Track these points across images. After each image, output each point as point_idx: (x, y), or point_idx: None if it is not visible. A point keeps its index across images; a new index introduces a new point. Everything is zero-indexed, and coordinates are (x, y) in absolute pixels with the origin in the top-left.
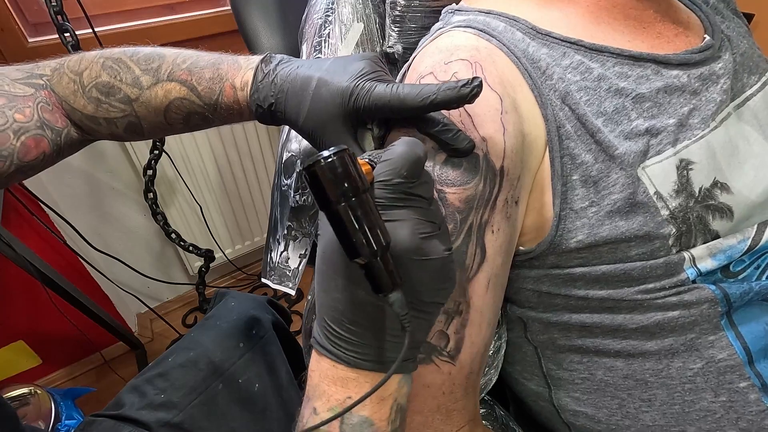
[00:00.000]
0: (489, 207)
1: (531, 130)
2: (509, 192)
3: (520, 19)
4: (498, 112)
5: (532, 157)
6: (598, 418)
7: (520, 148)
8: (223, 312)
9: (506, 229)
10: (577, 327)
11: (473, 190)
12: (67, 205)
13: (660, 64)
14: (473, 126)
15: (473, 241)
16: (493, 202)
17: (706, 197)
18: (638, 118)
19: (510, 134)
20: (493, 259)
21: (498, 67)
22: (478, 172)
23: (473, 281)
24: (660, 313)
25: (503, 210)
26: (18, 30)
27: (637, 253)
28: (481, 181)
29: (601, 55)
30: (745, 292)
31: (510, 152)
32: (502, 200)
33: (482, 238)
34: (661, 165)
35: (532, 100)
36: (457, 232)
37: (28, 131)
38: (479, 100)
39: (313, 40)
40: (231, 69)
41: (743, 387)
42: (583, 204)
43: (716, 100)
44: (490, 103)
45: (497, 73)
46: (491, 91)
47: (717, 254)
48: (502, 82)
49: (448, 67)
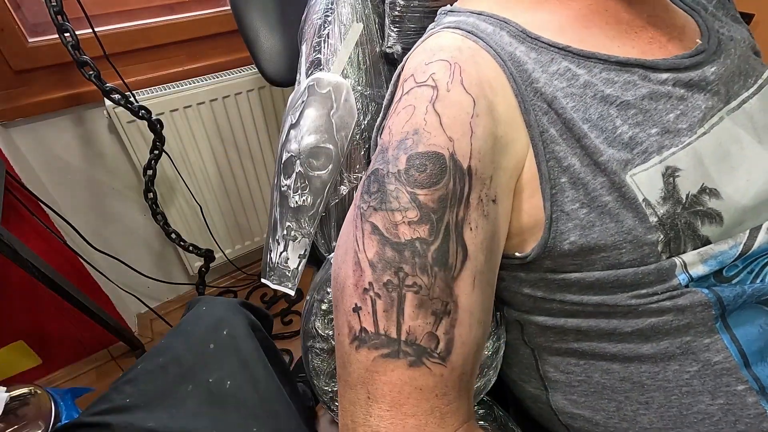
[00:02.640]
0: (463, 205)
1: (506, 133)
2: (482, 190)
3: (511, 21)
4: (468, 115)
5: (506, 158)
6: (595, 421)
7: (489, 149)
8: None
9: (486, 227)
10: (573, 331)
11: (444, 189)
12: (67, 205)
13: (648, 69)
14: (440, 126)
15: (453, 239)
16: (466, 200)
17: (694, 203)
18: (623, 125)
19: (478, 137)
20: (475, 256)
21: (480, 68)
22: (446, 172)
23: (458, 280)
24: (654, 317)
25: (478, 208)
26: (18, 30)
27: (629, 260)
28: (450, 179)
29: (588, 62)
30: (738, 295)
31: (477, 153)
32: (476, 198)
33: (461, 235)
34: (648, 173)
35: (514, 104)
36: (435, 232)
37: None
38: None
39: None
40: None
41: (741, 390)
42: (574, 206)
43: (702, 107)
44: (462, 107)
45: (476, 74)
46: (465, 93)
47: (708, 260)
48: (480, 83)
49: (427, 67)
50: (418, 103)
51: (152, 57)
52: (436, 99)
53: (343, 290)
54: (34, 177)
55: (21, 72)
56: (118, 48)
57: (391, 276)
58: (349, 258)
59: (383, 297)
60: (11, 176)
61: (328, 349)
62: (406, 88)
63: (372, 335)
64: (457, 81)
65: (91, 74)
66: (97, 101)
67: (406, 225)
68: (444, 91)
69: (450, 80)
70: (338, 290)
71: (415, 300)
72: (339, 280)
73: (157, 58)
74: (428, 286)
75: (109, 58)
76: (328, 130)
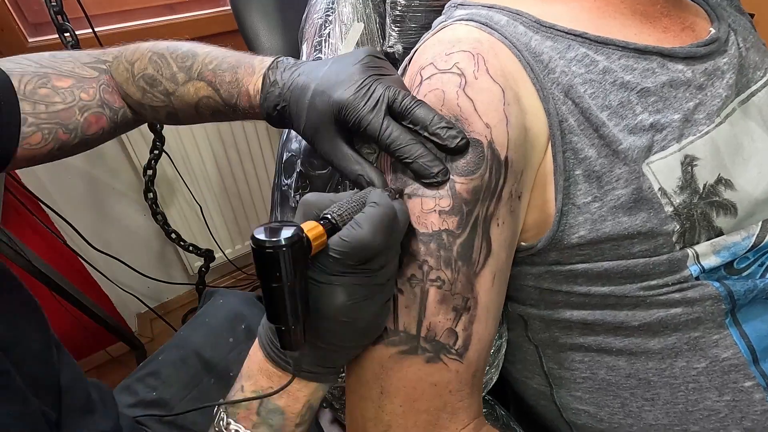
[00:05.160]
0: (495, 199)
1: (533, 125)
2: (513, 185)
3: (524, 12)
4: (501, 102)
5: (534, 152)
6: (600, 417)
7: (522, 141)
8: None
9: (510, 224)
10: (579, 324)
11: (479, 180)
12: (67, 205)
13: (666, 58)
14: (475, 111)
15: (479, 235)
16: (498, 194)
17: (710, 194)
18: (643, 112)
19: (513, 126)
20: (497, 253)
21: (500, 59)
22: (483, 161)
23: (479, 276)
24: (663, 310)
25: (508, 203)
26: (18, 30)
27: (640, 250)
28: (487, 170)
29: (606, 48)
30: (750, 289)
31: (513, 144)
32: (507, 193)
33: (488, 231)
34: (666, 161)
35: (534, 95)
36: (463, 225)
37: (90, 109)
38: (482, 90)
39: (313, 39)
40: (246, 74)
41: (748, 386)
42: (586, 199)
43: (722, 95)
44: (493, 94)
45: (499, 65)
46: (493, 83)
47: (721, 251)
48: (504, 74)
49: (449, 57)
50: (447, 87)
51: None
52: (466, 85)
53: None
54: (34, 177)
55: None
56: None
57: (415, 270)
58: None
59: (406, 293)
60: (11, 176)
61: None
62: (426, 75)
63: (390, 332)
64: (483, 70)
65: None
66: None
67: (437, 214)
68: (472, 78)
69: (476, 69)
70: None
71: (437, 295)
72: None
73: None
74: (451, 281)
75: None
76: None
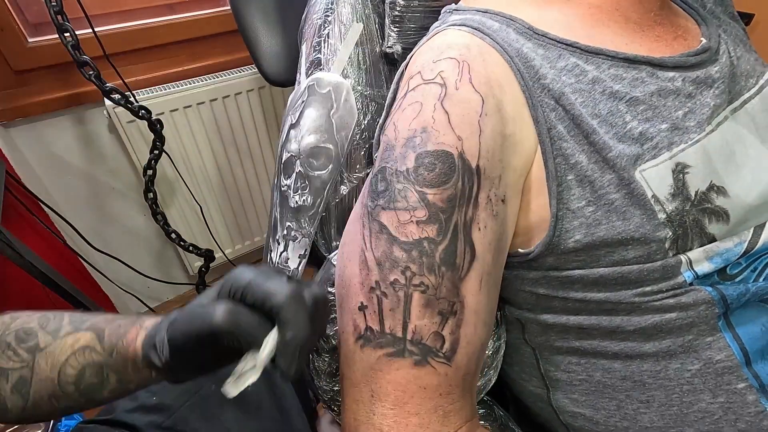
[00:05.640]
0: (471, 205)
1: (515, 131)
2: (490, 190)
3: (518, 18)
4: (477, 114)
5: (515, 157)
6: (596, 420)
7: (498, 148)
8: None
9: (494, 227)
10: (575, 329)
11: (453, 189)
12: (67, 205)
13: (655, 67)
14: (449, 124)
15: (461, 239)
16: (474, 199)
17: (702, 201)
18: (633, 120)
19: (486, 136)
20: (483, 256)
21: (488, 66)
22: (455, 171)
23: (465, 280)
24: (657, 315)
25: (487, 207)
26: (18, 30)
27: (635, 256)
28: (459, 179)
29: (596, 57)
30: (742, 293)
31: (486, 152)
32: (484, 198)
33: (469, 235)
34: (657, 169)
35: (522, 102)
36: (443, 231)
37: None
38: (460, 102)
39: (313, 40)
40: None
41: (741, 388)
42: (580, 204)
43: (710, 104)
44: (471, 106)
45: (485, 72)
46: (474, 92)
47: (713, 257)
48: (489, 82)
49: (435, 65)
50: (426, 100)
51: (152, 57)
52: (445, 97)
53: (348, 288)
54: (34, 177)
55: (21, 72)
56: (118, 48)
57: (398, 275)
58: (356, 256)
59: (390, 296)
60: (11, 176)
61: (329, 349)
62: (412, 85)
63: (377, 334)
64: (465, 79)
65: (91, 74)
66: (97, 101)
67: (414, 224)
68: (453, 89)
69: (459, 78)
70: (343, 288)
71: (421, 299)
72: (344, 278)
73: (157, 57)
74: (435, 285)
75: (109, 58)
76: (328, 130)
